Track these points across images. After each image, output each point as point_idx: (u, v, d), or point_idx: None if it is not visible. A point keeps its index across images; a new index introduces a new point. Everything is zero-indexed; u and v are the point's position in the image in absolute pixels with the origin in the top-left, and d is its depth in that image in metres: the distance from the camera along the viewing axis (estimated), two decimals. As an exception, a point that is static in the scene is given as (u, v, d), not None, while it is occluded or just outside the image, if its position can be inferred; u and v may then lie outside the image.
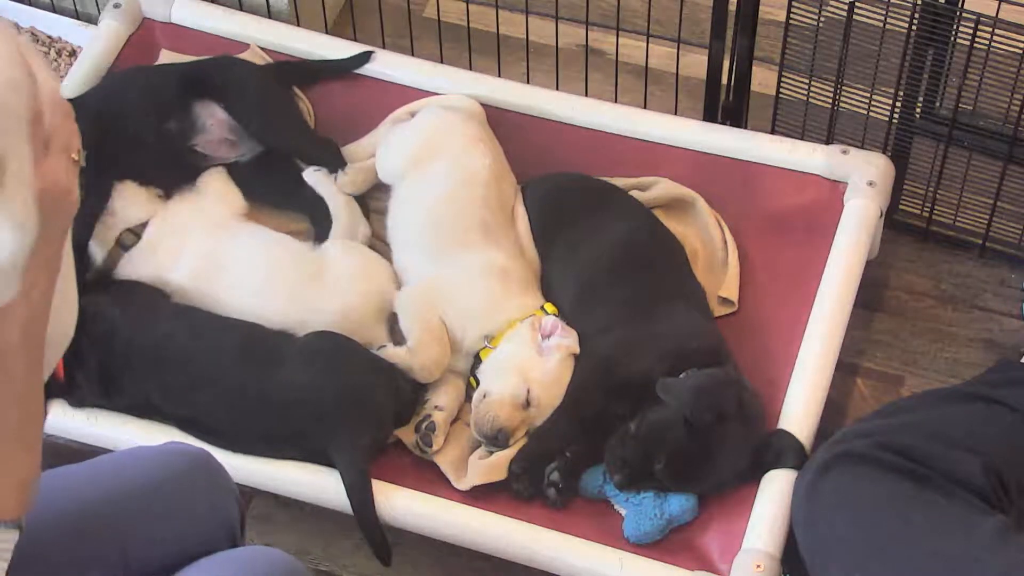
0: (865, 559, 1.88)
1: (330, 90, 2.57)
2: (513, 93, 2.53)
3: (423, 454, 2.18)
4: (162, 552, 1.69)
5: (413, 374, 2.21)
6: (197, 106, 2.43)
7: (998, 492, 1.92)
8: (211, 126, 2.43)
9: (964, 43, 2.27)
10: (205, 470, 1.78)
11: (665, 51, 2.60)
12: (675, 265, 2.33)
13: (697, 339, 2.19)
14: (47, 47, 2.84)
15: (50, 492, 1.68)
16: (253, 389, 2.15)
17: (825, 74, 2.42)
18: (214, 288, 2.27)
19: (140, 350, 2.18)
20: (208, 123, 2.43)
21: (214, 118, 2.43)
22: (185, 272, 2.28)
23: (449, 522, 2.12)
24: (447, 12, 2.66)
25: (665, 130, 2.47)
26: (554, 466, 2.13)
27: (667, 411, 2.07)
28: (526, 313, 2.24)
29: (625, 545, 2.09)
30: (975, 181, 2.46)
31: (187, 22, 2.66)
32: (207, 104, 2.43)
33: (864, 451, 1.94)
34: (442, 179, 2.34)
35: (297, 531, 2.31)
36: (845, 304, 2.26)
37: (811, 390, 2.17)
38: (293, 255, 2.31)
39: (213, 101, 2.43)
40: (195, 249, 2.30)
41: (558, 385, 2.19)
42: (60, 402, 2.21)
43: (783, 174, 2.41)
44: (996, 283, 2.51)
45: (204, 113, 2.43)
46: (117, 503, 1.69)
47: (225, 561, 1.69)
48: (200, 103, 2.43)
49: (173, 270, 2.29)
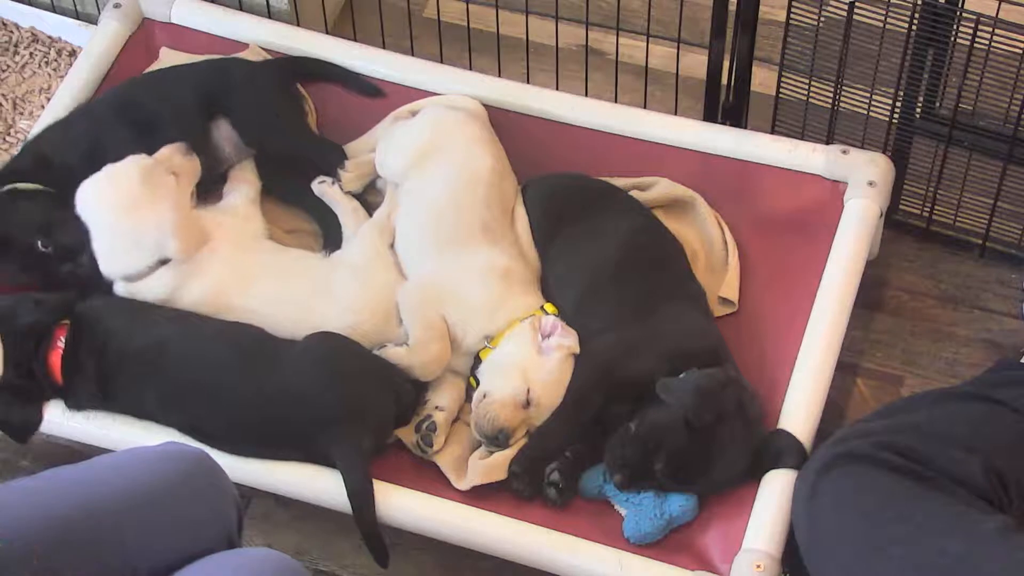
0: (866, 559, 1.88)
1: (331, 89, 2.57)
2: (513, 93, 2.53)
3: (423, 454, 2.18)
4: (160, 553, 1.69)
5: (414, 372, 2.21)
6: (214, 132, 2.44)
7: (998, 492, 1.92)
8: (228, 152, 2.45)
9: (964, 43, 2.27)
10: (203, 471, 1.78)
11: (665, 51, 2.60)
12: (675, 265, 2.33)
13: (697, 339, 2.20)
14: (47, 47, 2.84)
15: (49, 493, 1.69)
16: (253, 392, 2.15)
17: (825, 74, 2.42)
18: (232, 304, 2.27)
19: (137, 355, 2.18)
20: (226, 149, 2.45)
21: (229, 141, 2.45)
22: (204, 288, 2.27)
23: (449, 522, 2.12)
24: (447, 12, 2.66)
25: (665, 130, 2.47)
26: (554, 466, 2.13)
27: (667, 411, 2.07)
28: (526, 313, 2.24)
29: (625, 545, 2.09)
30: (975, 181, 2.46)
31: (187, 22, 2.66)
32: (219, 123, 2.44)
33: (865, 451, 1.94)
34: (443, 178, 2.34)
35: (297, 531, 2.31)
36: (845, 304, 2.26)
37: (811, 390, 2.17)
38: (307, 272, 2.31)
39: (222, 116, 2.44)
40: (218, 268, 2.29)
41: (558, 385, 2.19)
42: (60, 403, 2.21)
43: (783, 174, 2.41)
44: (996, 283, 2.51)
45: (219, 136, 2.45)
46: (116, 504, 1.69)
47: (223, 562, 1.69)
48: (214, 125, 2.44)
49: (192, 287, 2.28)
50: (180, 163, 2.31)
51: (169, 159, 2.30)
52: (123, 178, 2.26)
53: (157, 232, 2.23)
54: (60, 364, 2.18)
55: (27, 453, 2.38)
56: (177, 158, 2.31)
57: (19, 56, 2.83)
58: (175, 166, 2.29)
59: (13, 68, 2.82)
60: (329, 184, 2.41)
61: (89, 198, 2.27)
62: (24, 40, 2.85)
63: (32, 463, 2.39)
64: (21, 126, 2.73)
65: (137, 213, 2.24)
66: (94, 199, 2.26)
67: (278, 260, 2.32)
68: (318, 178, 2.42)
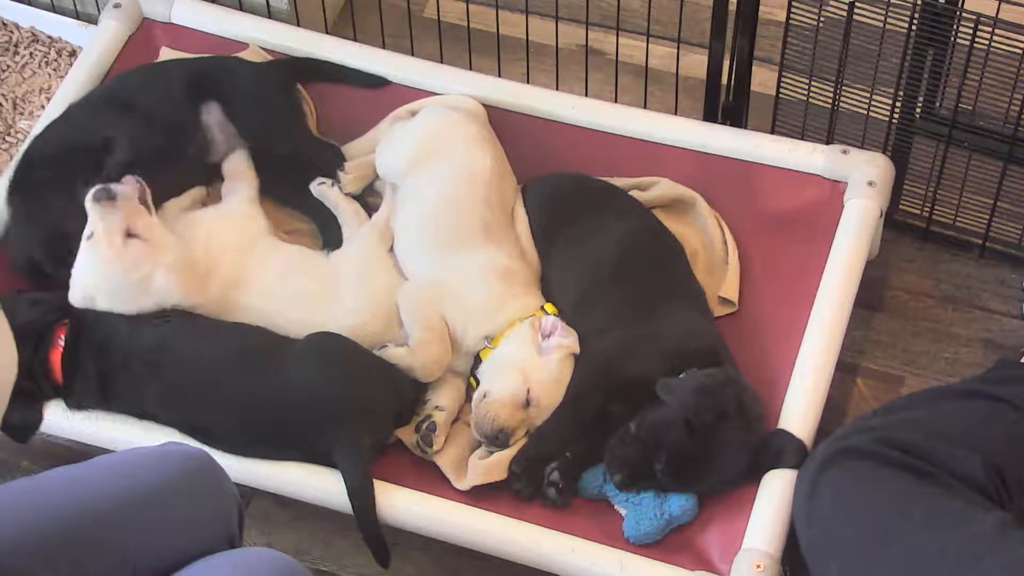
0: (866, 554, 1.88)
1: (331, 89, 2.57)
2: (513, 93, 2.53)
3: (423, 454, 2.18)
4: (161, 553, 1.69)
5: (414, 373, 2.21)
6: (204, 116, 2.44)
7: (999, 488, 1.92)
8: (219, 135, 2.45)
9: (964, 43, 2.27)
10: (204, 471, 1.78)
11: (665, 51, 2.60)
12: (675, 265, 2.33)
13: (697, 339, 2.20)
14: (47, 47, 2.84)
15: (48, 494, 1.69)
16: (254, 392, 2.15)
17: (825, 74, 2.42)
18: (238, 304, 2.27)
19: (138, 354, 2.18)
20: (216, 132, 2.45)
21: (220, 128, 2.44)
22: (212, 291, 2.27)
23: (449, 522, 2.12)
24: (447, 12, 2.66)
25: (665, 130, 2.47)
26: (554, 466, 2.13)
27: (667, 411, 2.07)
28: (526, 313, 2.24)
29: (625, 545, 2.09)
30: (975, 181, 2.46)
31: (187, 22, 2.66)
32: (211, 109, 2.44)
33: (865, 447, 1.94)
34: (443, 178, 2.34)
35: (297, 531, 2.31)
36: (845, 304, 2.26)
37: (811, 390, 2.17)
38: (311, 271, 2.31)
39: (215, 102, 2.44)
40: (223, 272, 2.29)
41: (558, 385, 2.19)
42: (59, 403, 2.21)
43: (783, 174, 2.41)
44: (996, 283, 2.51)
45: (209, 120, 2.44)
46: (116, 504, 1.69)
47: (224, 562, 1.69)
48: (205, 107, 2.44)
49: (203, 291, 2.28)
50: (123, 219, 2.22)
51: (113, 225, 2.21)
52: (108, 271, 2.22)
53: (161, 296, 2.22)
54: (60, 363, 2.18)
55: (27, 453, 2.38)
56: (117, 216, 2.21)
57: (19, 56, 2.83)
58: (132, 228, 2.22)
59: (13, 68, 2.82)
60: (329, 186, 2.41)
61: (80, 296, 2.23)
62: (24, 40, 2.85)
63: (32, 463, 2.39)
64: (21, 126, 2.73)
65: (134, 295, 2.22)
66: (87, 296, 2.23)
67: (282, 259, 2.32)
68: (317, 179, 2.42)
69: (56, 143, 2.40)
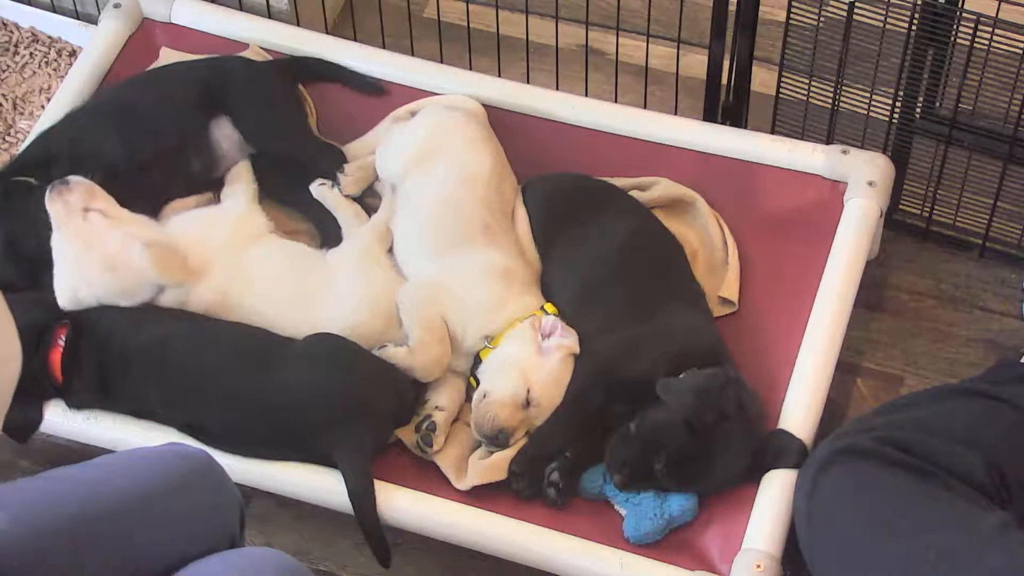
0: (866, 554, 1.88)
1: (331, 89, 2.58)
2: (513, 93, 2.53)
3: (423, 454, 2.18)
4: (162, 553, 1.69)
5: (414, 373, 2.21)
6: (214, 130, 2.44)
7: (999, 488, 1.92)
8: (227, 151, 2.45)
9: (964, 43, 2.28)
10: (205, 471, 1.78)
11: (665, 51, 2.60)
12: (675, 265, 2.33)
13: (697, 339, 2.20)
14: (47, 47, 2.84)
15: (50, 493, 1.69)
16: (254, 392, 2.15)
17: (825, 74, 2.42)
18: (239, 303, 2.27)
19: (138, 354, 2.18)
20: (224, 147, 2.45)
21: (228, 139, 2.44)
22: (211, 290, 2.27)
23: (449, 522, 2.12)
24: (447, 12, 2.66)
25: (665, 130, 2.47)
26: (554, 466, 2.13)
27: (667, 411, 2.07)
28: (526, 313, 2.24)
29: (625, 545, 2.09)
30: (975, 181, 2.46)
31: (187, 22, 2.66)
32: (219, 122, 2.44)
33: (866, 446, 1.94)
34: (443, 179, 2.34)
35: (297, 531, 2.32)
36: (845, 304, 2.26)
37: (811, 390, 2.17)
38: (312, 271, 2.30)
39: (222, 115, 2.44)
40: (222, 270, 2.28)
41: (558, 385, 2.19)
42: (59, 403, 2.21)
43: (783, 174, 2.41)
44: (996, 283, 2.51)
45: (219, 134, 2.44)
46: (117, 504, 1.69)
47: (225, 561, 1.69)
48: (214, 123, 2.44)
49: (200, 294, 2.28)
50: (80, 198, 2.22)
51: (70, 206, 2.21)
52: (77, 254, 2.21)
53: (137, 274, 2.21)
54: (60, 363, 2.18)
55: (27, 453, 2.38)
56: (73, 197, 2.21)
57: (19, 56, 2.83)
58: (89, 205, 2.22)
59: (13, 68, 2.82)
60: (328, 187, 2.41)
61: (67, 295, 2.23)
62: (24, 40, 2.86)
63: (32, 463, 2.39)
64: (21, 126, 2.73)
65: (110, 276, 2.21)
66: (73, 293, 2.22)
67: (282, 258, 2.32)
68: (317, 180, 2.42)
69: (34, 156, 2.40)
